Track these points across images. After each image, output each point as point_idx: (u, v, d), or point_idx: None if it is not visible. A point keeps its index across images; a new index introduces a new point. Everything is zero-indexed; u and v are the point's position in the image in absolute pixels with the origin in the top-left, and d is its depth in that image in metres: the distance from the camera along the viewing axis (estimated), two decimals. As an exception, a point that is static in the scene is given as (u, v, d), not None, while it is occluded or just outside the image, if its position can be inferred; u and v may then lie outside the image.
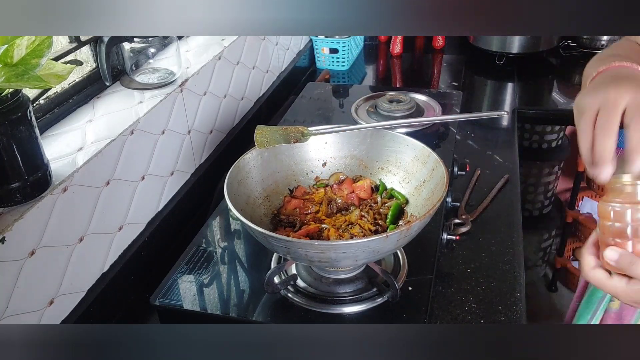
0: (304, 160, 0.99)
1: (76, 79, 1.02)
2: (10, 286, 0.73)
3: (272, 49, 1.58)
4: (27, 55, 0.66)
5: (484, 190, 1.19)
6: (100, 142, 0.90)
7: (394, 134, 0.95)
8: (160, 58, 1.13)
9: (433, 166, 0.88)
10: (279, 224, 0.92)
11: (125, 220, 0.96)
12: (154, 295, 0.88)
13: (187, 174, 1.17)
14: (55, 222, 0.79)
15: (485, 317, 0.88)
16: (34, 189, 0.76)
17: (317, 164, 0.99)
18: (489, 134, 1.45)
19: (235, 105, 1.37)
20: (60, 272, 0.82)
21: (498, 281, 0.94)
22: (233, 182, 0.85)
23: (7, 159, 0.71)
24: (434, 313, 0.88)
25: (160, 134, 1.04)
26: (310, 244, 0.72)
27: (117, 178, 0.92)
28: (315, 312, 0.84)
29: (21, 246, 0.74)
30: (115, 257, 0.95)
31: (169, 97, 1.06)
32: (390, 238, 0.72)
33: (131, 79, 1.10)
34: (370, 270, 0.88)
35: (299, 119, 1.38)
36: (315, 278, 0.89)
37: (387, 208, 0.92)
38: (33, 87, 0.66)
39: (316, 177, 0.99)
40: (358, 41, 1.96)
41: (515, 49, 1.81)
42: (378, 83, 1.83)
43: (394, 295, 0.83)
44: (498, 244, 1.03)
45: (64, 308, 0.84)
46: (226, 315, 0.85)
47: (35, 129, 0.74)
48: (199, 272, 0.92)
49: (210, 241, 1.00)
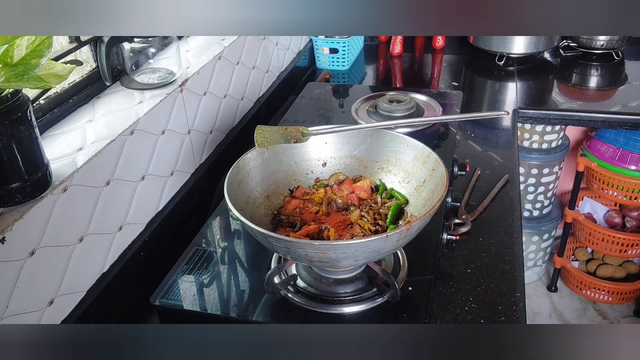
0: (304, 160, 0.99)
1: (76, 79, 1.02)
2: (10, 286, 0.73)
3: (272, 49, 1.58)
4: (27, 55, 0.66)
5: (484, 190, 1.19)
6: (100, 142, 0.90)
7: (394, 134, 0.95)
8: (160, 58, 1.13)
9: (433, 166, 0.88)
10: (279, 224, 0.92)
11: (125, 220, 0.96)
12: (154, 295, 0.88)
13: (187, 174, 1.17)
14: (55, 222, 0.79)
15: (485, 317, 0.88)
16: (34, 189, 0.76)
17: (317, 164, 0.99)
18: (489, 134, 1.45)
19: (235, 105, 1.37)
20: (60, 272, 0.82)
21: (498, 281, 0.94)
22: (233, 182, 0.85)
23: (7, 159, 0.71)
24: (434, 313, 0.88)
25: (160, 134, 1.04)
26: (310, 244, 0.72)
27: (117, 178, 0.92)
28: (315, 312, 0.84)
29: (21, 246, 0.74)
30: (115, 257, 0.95)
31: (169, 97, 1.06)
32: (390, 238, 0.72)
33: (131, 79, 1.10)
34: (370, 270, 0.88)
35: (299, 119, 1.38)
36: (315, 278, 0.89)
37: (387, 208, 0.92)
38: (33, 87, 0.66)
39: (316, 178, 0.99)
40: (358, 41, 1.96)
41: (515, 49, 1.81)
42: (378, 83, 1.83)
43: (394, 295, 0.83)
44: (498, 244, 1.03)
45: (64, 308, 0.84)
46: (226, 315, 0.85)
47: (35, 129, 0.74)
48: (199, 272, 0.92)
49: (210, 241, 1.00)
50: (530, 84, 1.75)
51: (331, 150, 0.99)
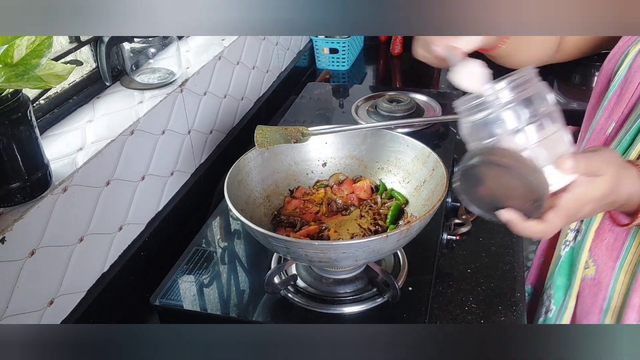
0: (304, 160, 0.99)
1: (76, 79, 1.02)
2: (10, 286, 0.73)
3: (272, 49, 1.58)
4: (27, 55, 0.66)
5: (484, 190, 1.19)
6: (100, 142, 0.90)
7: (394, 134, 0.95)
8: (160, 58, 1.13)
9: (433, 166, 0.88)
10: (279, 225, 0.92)
11: (125, 221, 0.96)
12: (154, 295, 0.88)
13: (187, 174, 1.17)
14: (55, 222, 0.79)
15: (485, 317, 0.87)
16: (34, 189, 0.76)
17: (317, 164, 0.99)
18: (489, 134, 1.44)
19: (235, 105, 1.37)
20: (60, 272, 0.82)
21: (498, 281, 0.94)
22: (233, 182, 0.85)
23: (7, 159, 0.71)
24: (434, 313, 0.88)
25: (161, 134, 1.04)
26: (310, 244, 0.72)
27: (117, 178, 0.92)
28: (315, 312, 0.84)
29: (21, 246, 0.74)
30: (115, 257, 0.95)
31: (169, 97, 1.06)
32: (390, 238, 0.72)
33: (131, 79, 1.10)
34: (371, 270, 0.88)
35: (299, 119, 1.38)
36: (315, 278, 0.89)
37: (387, 208, 0.92)
38: (33, 87, 0.66)
39: (317, 180, 0.99)
40: (358, 41, 1.96)
41: (515, 49, 1.81)
42: (378, 83, 1.83)
43: (394, 296, 0.83)
44: (498, 244, 1.03)
45: (64, 308, 0.84)
46: (226, 315, 0.85)
47: (35, 129, 0.74)
48: (199, 272, 0.92)
49: (210, 241, 1.00)
50: (530, 84, 1.74)
51: (331, 150, 0.99)
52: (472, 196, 0.65)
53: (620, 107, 0.80)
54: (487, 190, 0.63)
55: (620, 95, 0.80)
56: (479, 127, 0.62)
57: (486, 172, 0.61)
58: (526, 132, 0.60)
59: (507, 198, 0.62)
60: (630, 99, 0.78)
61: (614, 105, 0.81)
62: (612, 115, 0.81)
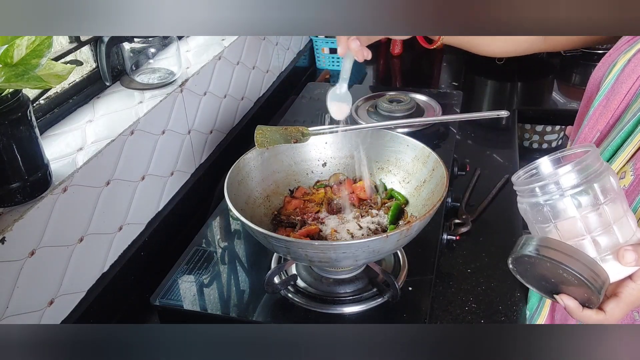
0: (304, 160, 0.99)
1: (76, 79, 1.02)
2: (10, 286, 0.73)
3: (272, 49, 1.58)
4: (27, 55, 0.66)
5: (484, 190, 1.19)
6: (100, 142, 0.90)
7: (394, 134, 0.95)
8: (160, 58, 1.13)
9: (433, 166, 0.88)
10: (279, 225, 0.92)
11: (125, 221, 0.96)
12: (154, 295, 0.88)
13: (187, 174, 1.17)
14: (55, 222, 0.79)
15: (485, 317, 0.88)
16: (34, 189, 0.76)
17: (317, 164, 0.99)
18: (489, 134, 1.45)
19: (235, 105, 1.37)
20: (60, 272, 0.82)
21: (498, 281, 0.94)
22: (233, 182, 0.85)
23: (7, 159, 0.71)
24: (434, 313, 0.88)
25: (160, 134, 1.04)
26: (311, 244, 0.72)
27: (117, 178, 0.92)
28: (316, 312, 0.84)
29: (21, 246, 0.74)
30: (115, 257, 0.95)
31: (169, 97, 1.06)
32: (390, 238, 0.72)
33: (131, 79, 1.10)
34: (371, 270, 0.88)
35: (299, 119, 1.38)
36: (315, 278, 0.89)
37: (387, 208, 0.92)
38: (33, 87, 0.66)
39: (317, 180, 0.99)
40: (358, 41, 1.96)
41: (516, 49, 1.81)
42: (378, 83, 1.83)
43: (394, 295, 0.83)
44: (498, 244, 1.03)
45: (64, 308, 0.84)
46: (226, 315, 0.85)
47: (35, 129, 0.74)
48: (199, 272, 0.92)
49: (210, 241, 1.00)
50: (530, 84, 1.75)
51: (331, 150, 0.99)
52: (528, 278, 0.64)
53: (605, 117, 0.80)
54: (544, 276, 0.62)
55: (606, 106, 0.80)
56: (537, 210, 0.60)
57: (542, 264, 0.60)
58: (588, 220, 0.57)
59: (564, 286, 0.61)
60: (616, 110, 0.78)
61: (599, 115, 0.81)
62: (596, 125, 0.82)
